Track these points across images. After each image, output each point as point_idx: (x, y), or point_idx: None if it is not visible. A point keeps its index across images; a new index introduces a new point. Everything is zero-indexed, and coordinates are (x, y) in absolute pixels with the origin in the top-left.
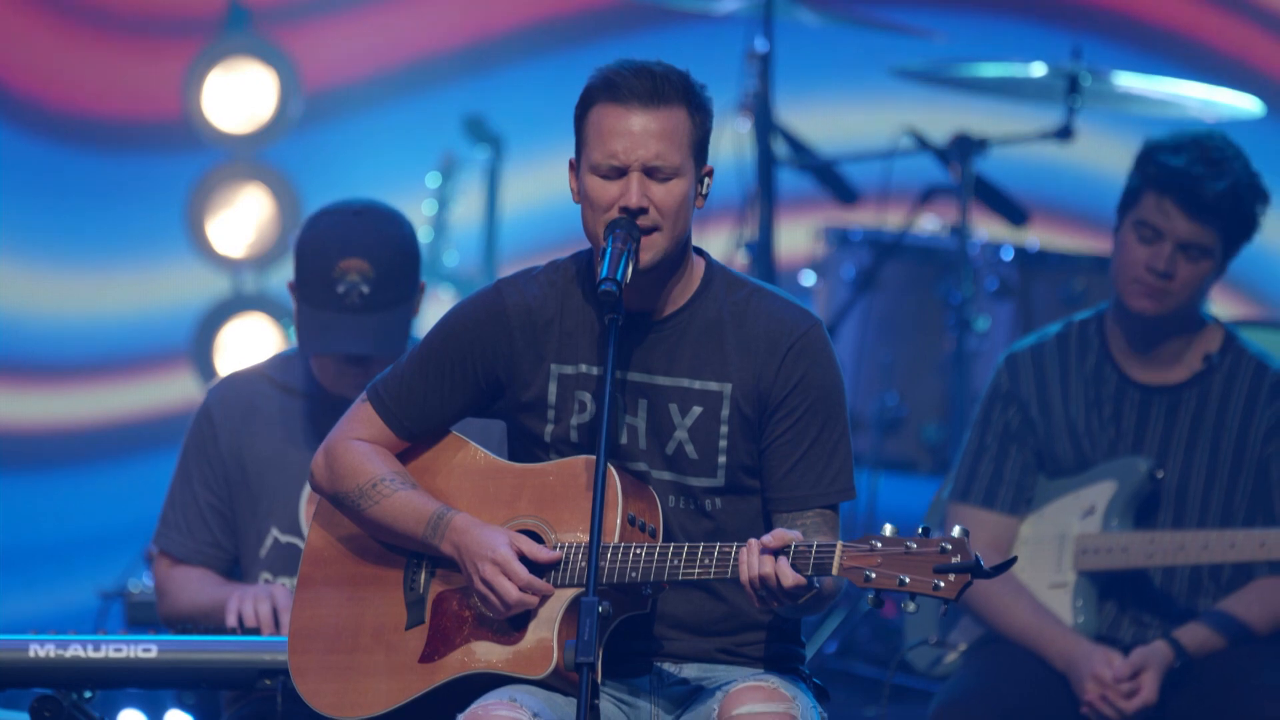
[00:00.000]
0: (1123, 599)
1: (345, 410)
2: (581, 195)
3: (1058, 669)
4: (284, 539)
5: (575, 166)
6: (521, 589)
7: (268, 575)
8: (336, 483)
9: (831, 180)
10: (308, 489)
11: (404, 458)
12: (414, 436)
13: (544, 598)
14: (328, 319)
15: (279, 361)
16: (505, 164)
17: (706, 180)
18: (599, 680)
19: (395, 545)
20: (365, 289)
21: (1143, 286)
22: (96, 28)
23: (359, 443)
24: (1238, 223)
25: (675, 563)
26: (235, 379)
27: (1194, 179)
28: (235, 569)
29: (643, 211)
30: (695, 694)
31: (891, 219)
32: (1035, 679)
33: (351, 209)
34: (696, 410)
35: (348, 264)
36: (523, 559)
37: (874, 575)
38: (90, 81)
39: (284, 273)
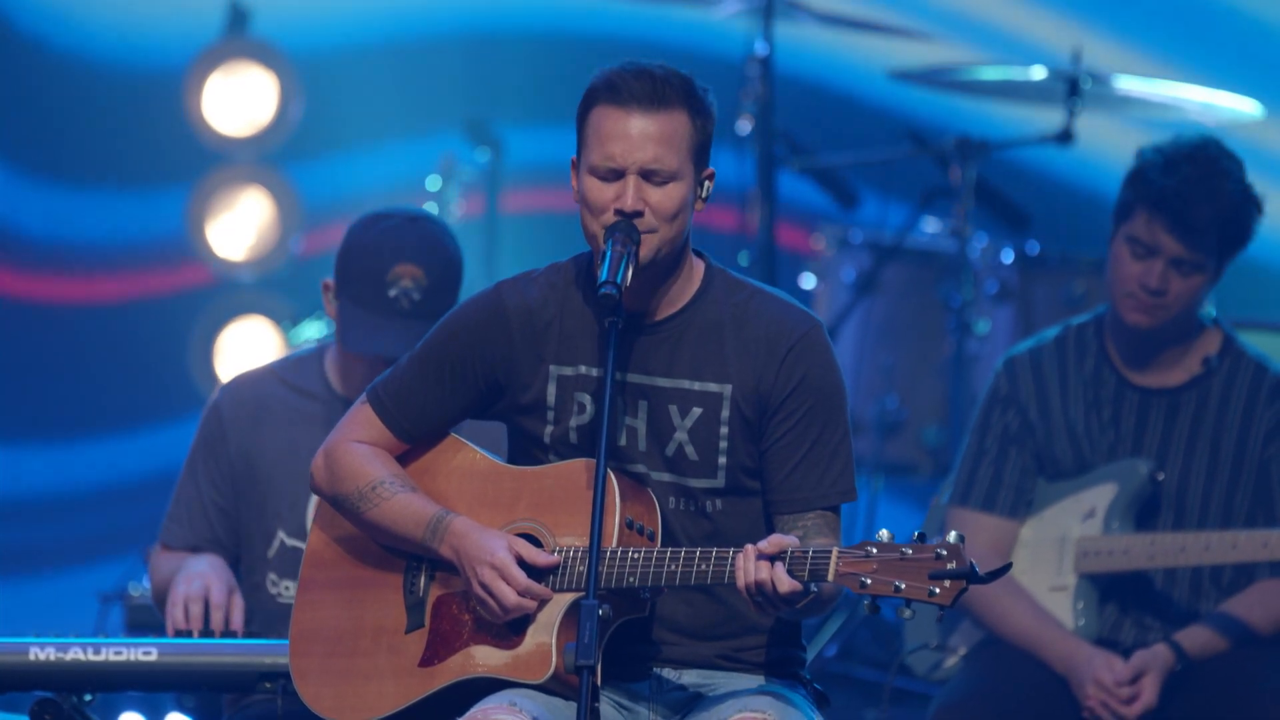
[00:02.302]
0: (1124, 602)
1: None
2: (580, 196)
3: (1058, 673)
4: (290, 543)
5: (576, 166)
6: (520, 593)
7: (274, 576)
8: (336, 485)
9: (832, 183)
10: None
11: (403, 460)
12: (414, 439)
13: (542, 602)
14: (377, 321)
15: (291, 363)
16: (505, 166)
17: (707, 184)
18: (598, 683)
19: (395, 548)
20: (417, 296)
21: (1135, 301)
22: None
23: (359, 445)
24: (1230, 239)
25: (672, 568)
26: (247, 378)
27: (1184, 201)
28: (235, 568)
29: (638, 214)
30: (695, 701)
31: (892, 222)
32: (1035, 683)
33: (406, 215)
34: (696, 412)
35: (403, 269)
36: (521, 563)
37: (869, 581)
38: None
39: (284, 276)
